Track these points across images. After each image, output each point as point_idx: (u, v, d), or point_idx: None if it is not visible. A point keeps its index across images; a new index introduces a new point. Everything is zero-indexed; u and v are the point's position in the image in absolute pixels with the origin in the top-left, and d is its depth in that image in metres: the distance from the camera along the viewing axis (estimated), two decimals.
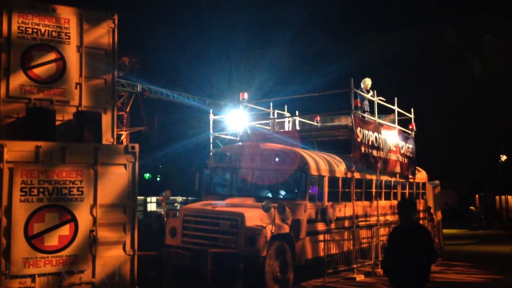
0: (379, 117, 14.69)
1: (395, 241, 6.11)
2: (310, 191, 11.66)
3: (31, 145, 7.01)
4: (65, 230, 7.07)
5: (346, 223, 12.80)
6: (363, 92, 14.69)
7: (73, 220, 7.12)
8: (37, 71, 7.88)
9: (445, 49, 42.16)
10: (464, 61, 41.99)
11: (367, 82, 15.02)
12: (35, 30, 7.91)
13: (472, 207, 34.03)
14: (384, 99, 15.01)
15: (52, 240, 6.96)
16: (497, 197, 40.91)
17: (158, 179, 40.20)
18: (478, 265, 15.24)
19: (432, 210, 19.01)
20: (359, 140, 12.86)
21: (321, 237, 11.74)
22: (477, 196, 44.24)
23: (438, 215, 19.80)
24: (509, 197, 40.78)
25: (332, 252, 12.01)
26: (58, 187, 7.06)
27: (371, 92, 14.89)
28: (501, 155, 39.76)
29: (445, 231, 21.43)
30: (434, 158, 31.56)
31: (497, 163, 39.90)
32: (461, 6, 44.39)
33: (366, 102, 14.92)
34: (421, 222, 17.08)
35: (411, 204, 6.52)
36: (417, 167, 17.39)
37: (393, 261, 6.00)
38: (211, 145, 15.01)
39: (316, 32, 44.36)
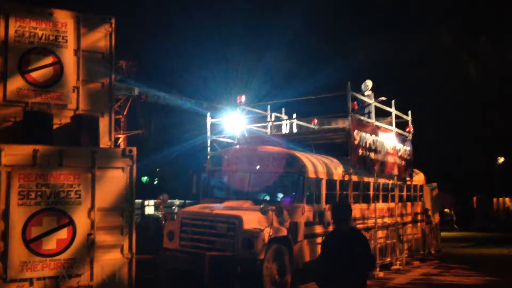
0: (376, 120, 14.72)
1: (330, 248, 5.71)
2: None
3: (29, 148, 6.99)
4: (63, 233, 7.04)
5: None
6: (365, 94, 14.70)
7: (71, 223, 7.11)
8: (35, 75, 7.86)
9: (441, 52, 42.27)
10: (461, 63, 42.11)
11: (368, 84, 15.04)
12: (32, 34, 7.90)
13: (446, 209, 34.12)
14: (385, 98, 15.02)
15: (50, 244, 6.94)
16: (495, 200, 41.03)
17: (155, 182, 40.08)
18: (476, 267, 15.27)
19: (430, 213, 19.08)
20: (356, 142, 12.88)
21: (319, 239, 11.72)
22: (474, 198, 44.38)
23: (436, 218, 19.88)
24: (506, 199, 40.91)
25: None
26: (56, 191, 7.04)
27: (370, 93, 14.92)
28: (498, 157, 39.84)
29: (442, 233, 21.46)
30: (432, 160, 31.60)
31: (494, 166, 39.98)
32: (459, 8, 44.56)
33: (370, 105, 14.95)
34: (419, 224, 17.13)
35: (346, 207, 6.01)
36: (414, 170, 17.42)
37: (328, 269, 5.60)
38: (209, 148, 15.01)
39: (312, 35, 44.44)
